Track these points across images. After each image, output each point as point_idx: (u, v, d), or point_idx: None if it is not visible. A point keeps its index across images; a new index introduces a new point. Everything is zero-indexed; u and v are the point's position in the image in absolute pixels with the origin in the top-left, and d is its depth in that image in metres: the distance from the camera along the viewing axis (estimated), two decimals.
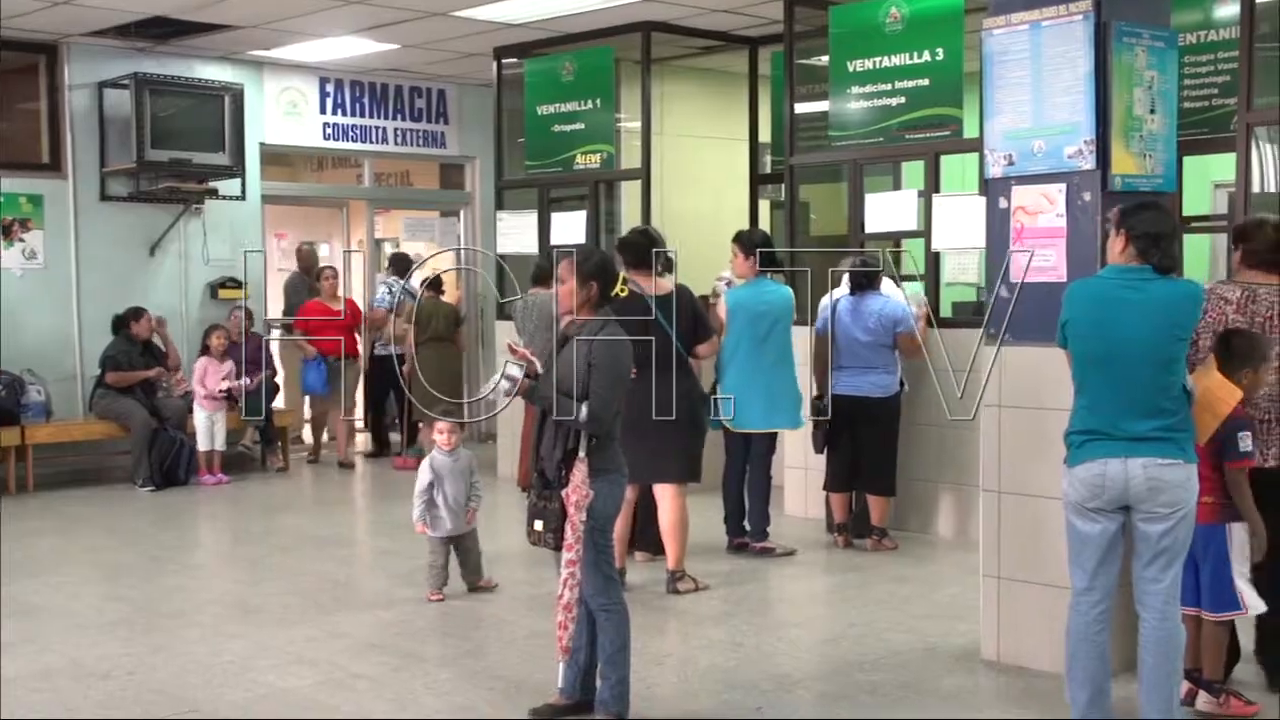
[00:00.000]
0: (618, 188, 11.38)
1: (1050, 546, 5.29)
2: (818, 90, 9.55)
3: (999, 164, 5.61)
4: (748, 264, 7.85)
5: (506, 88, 11.82)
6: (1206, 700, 5.08)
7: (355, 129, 13.14)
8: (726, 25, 10.61)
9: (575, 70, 10.96)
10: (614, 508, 4.98)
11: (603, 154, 10.84)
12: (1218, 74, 8.04)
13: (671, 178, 11.17)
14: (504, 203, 11.86)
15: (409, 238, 14.54)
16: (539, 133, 11.30)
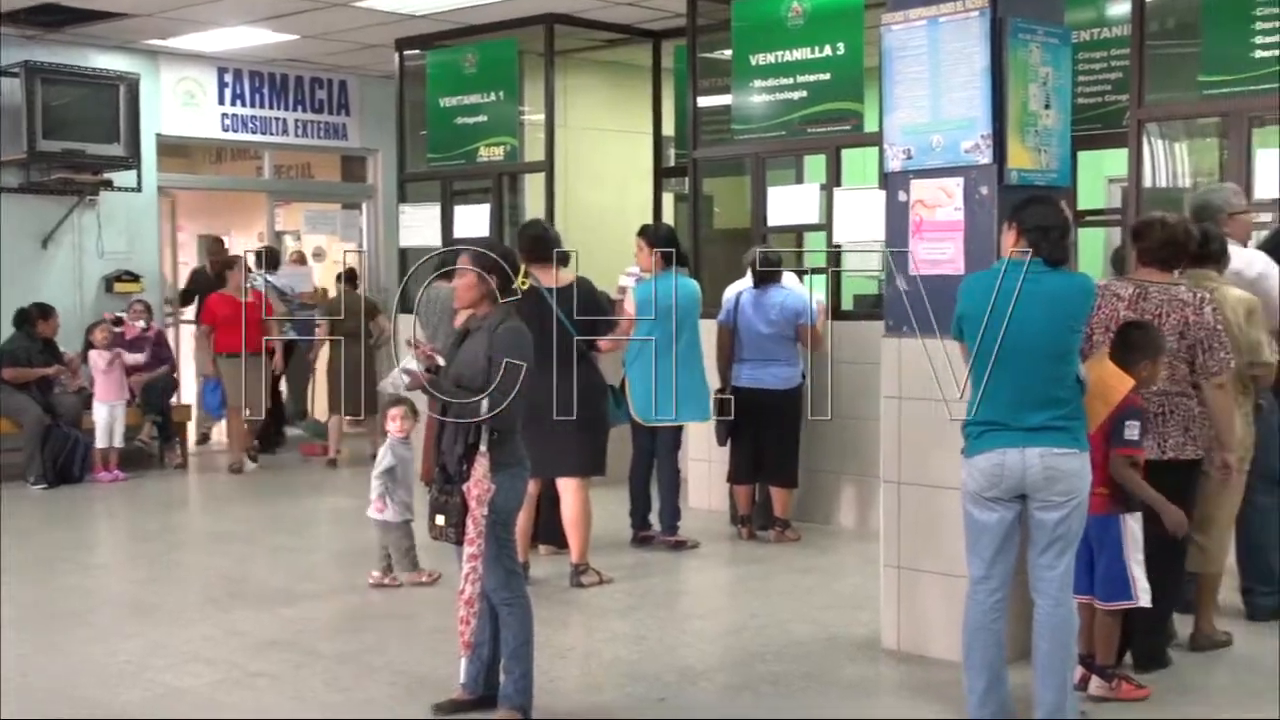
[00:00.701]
0: (521, 180, 11.33)
1: (949, 536, 5.36)
2: (721, 84, 9.59)
3: (898, 158, 5.67)
4: (653, 258, 7.87)
5: (408, 80, 11.72)
6: (1099, 685, 5.18)
7: (255, 120, 12.96)
8: (630, 18, 10.61)
9: (478, 62, 10.90)
10: (516, 502, 4.96)
11: (506, 147, 10.80)
12: (1111, 71, 8.21)
13: (575, 171, 11.15)
14: (406, 196, 11.77)
15: (310, 230, 14.37)
16: (441, 125, 11.23)
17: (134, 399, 10.97)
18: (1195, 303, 5.29)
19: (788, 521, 8.29)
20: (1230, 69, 7.21)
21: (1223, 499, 5.74)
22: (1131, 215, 7.24)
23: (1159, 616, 5.46)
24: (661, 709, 5.24)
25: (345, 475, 11.11)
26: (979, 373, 4.81)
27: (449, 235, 11.03)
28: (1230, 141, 7.32)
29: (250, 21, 10.84)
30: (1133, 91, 7.64)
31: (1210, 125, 7.87)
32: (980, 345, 4.78)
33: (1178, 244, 5.39)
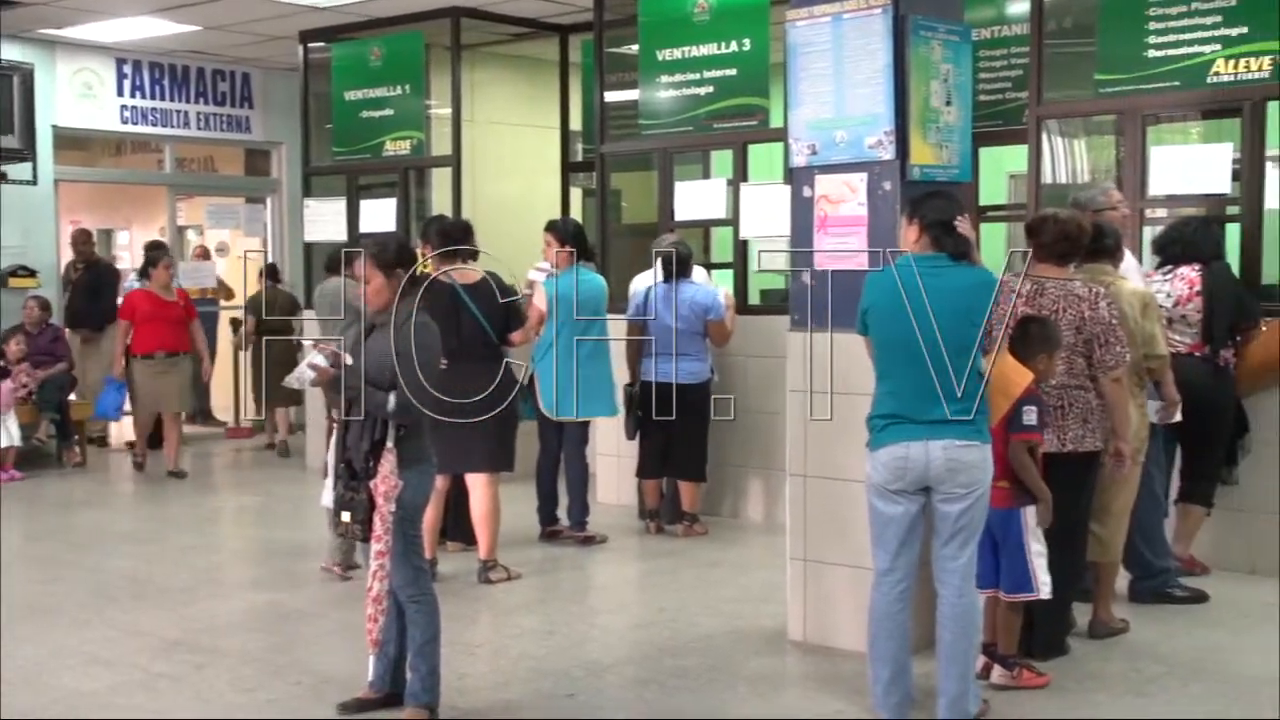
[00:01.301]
0: (428, 175, 11.26)
1: (854, 529, 5.41)
2: (628, 79, 9.60)
3: (803, 153, 5.71)
4: (561, 253, 7.86)
5: (313, 72, 11.59)
6: (1001, 673, 5.26)
7: (155, 112, 12.74)
8: (537, 12, 10.57)
9: (384, 55, 10.81)
10: (423, 498, 4.93)
11: (412, 140, 10.72)
12: (1011, 68, 8.35)
13: (483, 165, 11.10)
14: (311, 190, 11.64)
15: (213, 225, 14.15)
16: (347, 119, 11.12)
17: (30, 396, 10.73)
18: (1091, 297, 5.39)
19: (696, 516, 8.33)
20: (1125, 68, 7.34)
21: (1119, 489, 5.85)
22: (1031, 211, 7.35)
23: (1059, 606, 5.56)
24: (570, 704, 5.24)
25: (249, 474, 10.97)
26: (882, 367, 4.87)
27: (355, 230, 10.93)
28: (1125, 139, 7.47)
29: (150, 11, 10.65)
30: (1031, 89, 7.76)
31: (1107, 123, 8.02)
32: (884, 339, 4.84)
33: (1072, 239, 5.48)
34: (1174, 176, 7.24)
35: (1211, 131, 8.07)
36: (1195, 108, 7.61)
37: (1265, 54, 6.90)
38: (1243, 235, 7.10)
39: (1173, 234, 6.80)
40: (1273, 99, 6.98)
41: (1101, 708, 5.06)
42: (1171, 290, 6.62)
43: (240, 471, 11.42)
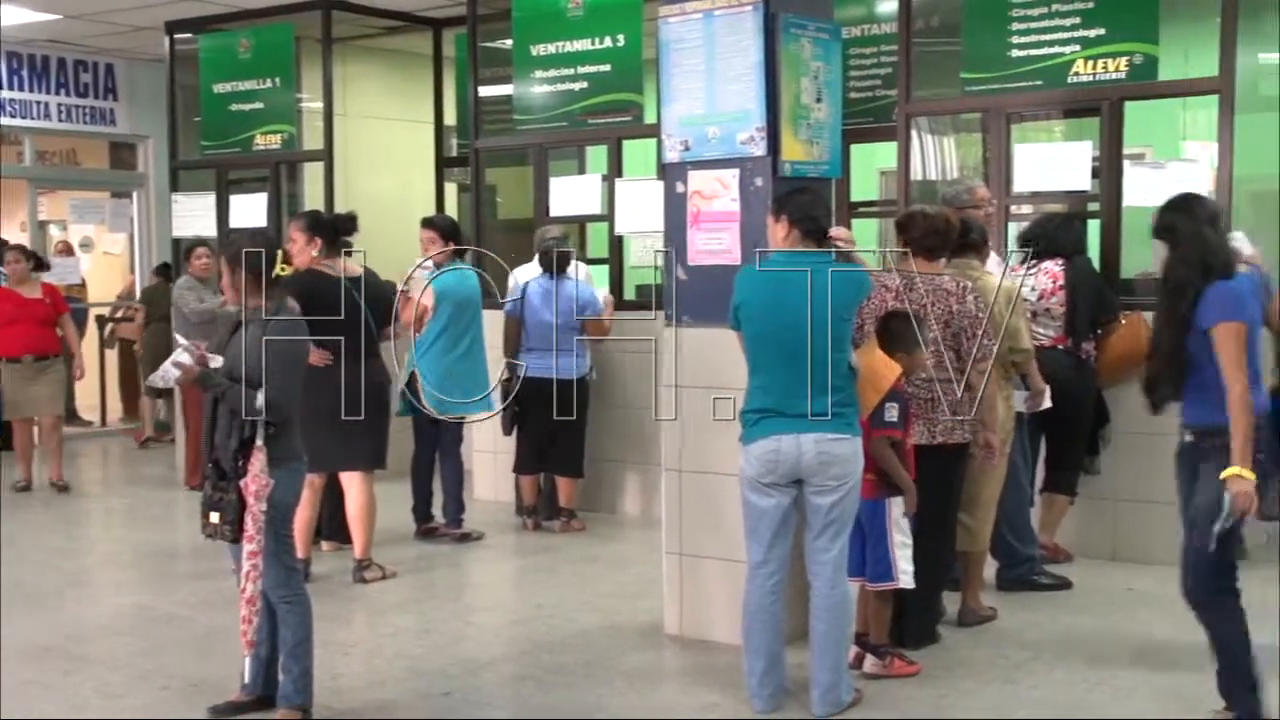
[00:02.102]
0: (300, 169, 11.08)
1: (729, 522, 5.45)
2: (502, 73, 9.56)
3: (676, 149, 5.74)
4: (438, 248, 7.83)
5: (180, 64, 11.33)
6: (873, 663, 5.34)
7: (14, 104, 12.36)
8: (409, 5, 10.47)
9: (253, 47, 10.62)
10: (294, 497, 4.86)
11: (283, 134, 10.55)
12: (881, 66, 8.47)
13: (356, 160, 10.95)
14: (179, 184, 11.39)
15: (76, 220, 13.79)
16: (215, 112, 10.90)
17: None
18: (959, 292, 5.50)
19: (573, 511, 8.33)
20: (990, 67, 7.50)
21: (987, 480, 5.97)
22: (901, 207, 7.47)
23: (929, 595, 5.67)
24: (446, 703, 5.21)
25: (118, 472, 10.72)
26: (754, 361, 4.91)
27: (225, 225, 10.72)
28: (991, 137, 7.62)
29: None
30: (900, 87, 7.89)
31: (974, 120, 8.17)
32: (755, 334, 4.88)
33: (940, 235, 5.59)
34: (1037, 173, 7.42)
35: (1073, 130, 8.27)
36: (1056, 107, 7.80)
37: (1122, 55, 7.10)
38: (1102, 231, 7.29)
39: (1036, 229, 6.97)
40: (1129, 99, 7.17)
41: (970, 694, 5.16)
42: (1035, 284, 6.78)
43: (110, 470, 11.15)
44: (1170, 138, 8.97)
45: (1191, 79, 7.41)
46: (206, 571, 7.05)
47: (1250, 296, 4.48)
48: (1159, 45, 7.06)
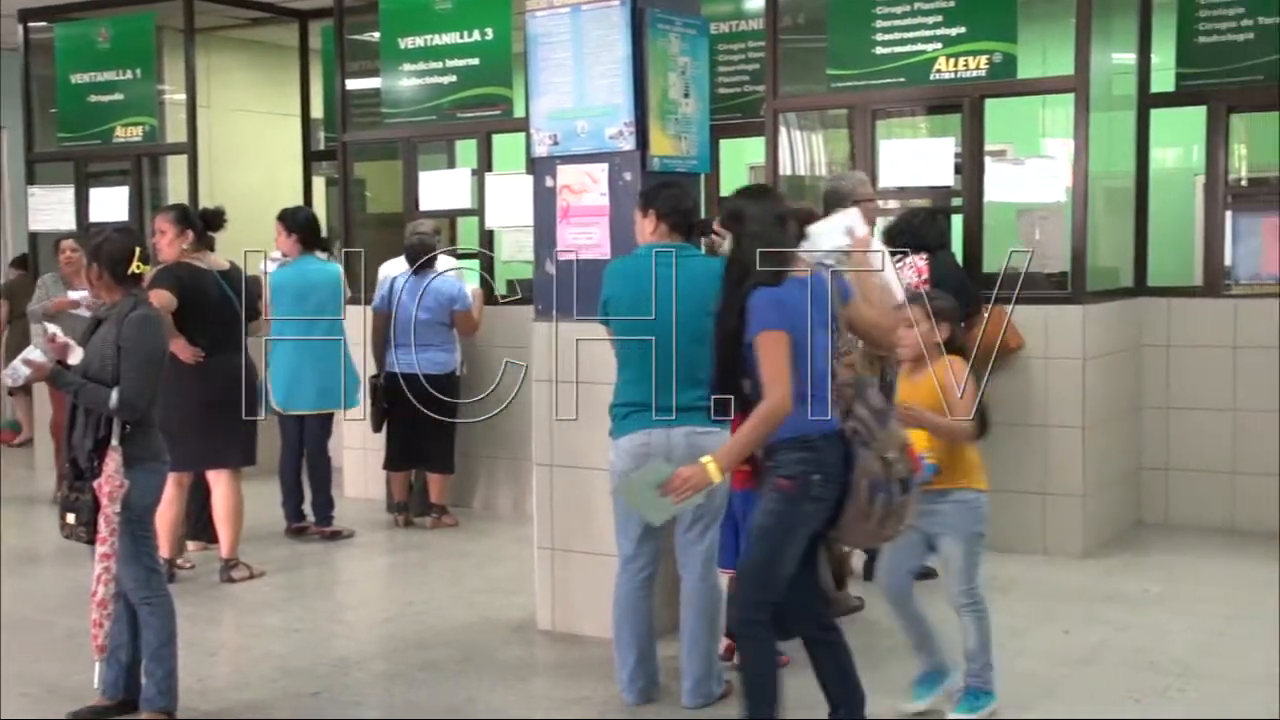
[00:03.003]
0: (163, 162, 10.84)
1: (600, 517, 5.46)
2: (370, 66, 9.45)
3: (544, 144, 5.72)
4: (290, 242, 7.73)
5: (35, 53, 11.01)
6: None
7: None
8: None
9: (112, 37, 10.36)
10: (152, 498, 4.75)
11: (145, 127, 10.32)
12: (749, 62, 8.54)
13: (221, 153, 10.75)
14: (35, 177, 11.07)
15: None
16: (73, 103, 10.61)
17: None
18: None
19: (444, 507, 8.28)
20: (855, 64, 7.61)
21: None
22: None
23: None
24: (315, 702, 5.15)
25: None
26: (624, 355, 4.92)
27: (84, 219, 10.45)
28: (857, 132, 7.73)
29: None
30: (768, 83, 7.97)
31: (842, 116, 8.28)
32: (625, 328, 4.89)
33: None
34: (902, 169, 7.54)
35: (936, 126, 8.43)
36: (920, 103, 7.94)
37: (982, 53, 7.25)
38: (965, 226, 7.44)
39: (901, 224, 7.07)
40: (989, 96, 7.33)
41: None
42: (901, 279, 6.88)
43: None
44: (1030, 135, 9.19)
45: (1049, 78, 7.61)
46: (68, 574, 6.86)
47: (796, 302, 4.14)
48: (1018, 44, 7.22)
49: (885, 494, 4.15)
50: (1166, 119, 8.00)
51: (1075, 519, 7.10)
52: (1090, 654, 5.52)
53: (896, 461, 4.16)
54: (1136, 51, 7.85)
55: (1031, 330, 7.10)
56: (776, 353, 4.06)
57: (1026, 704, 4.97)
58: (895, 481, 4.16)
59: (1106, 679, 5.22)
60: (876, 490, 4.14)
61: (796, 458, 4.15)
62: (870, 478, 4.13)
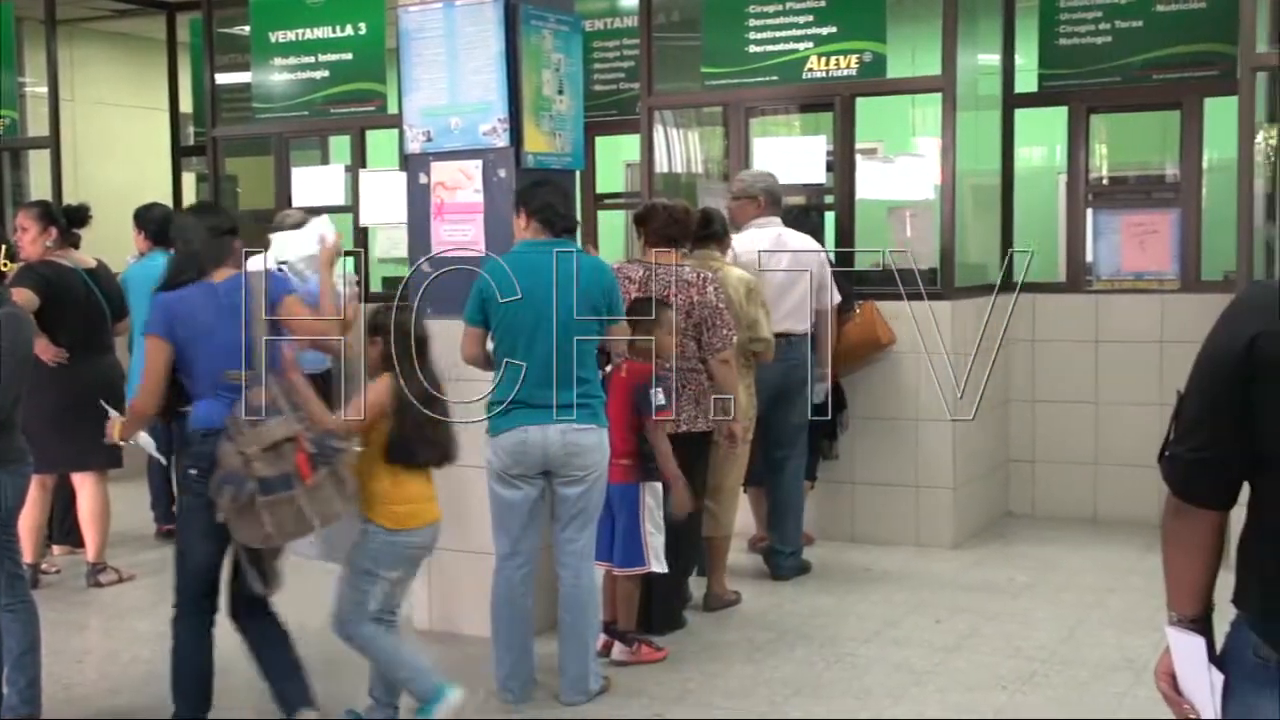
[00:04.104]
0: (24, 157, 10.56)
1: (476, 515, 5.43)
2: (240, 60, 9.30)
3: (418, 140, 5.69)
4: (142, 240, 7.60)
5: None
6: (621, 649, 5.41)
7: None
8: None
9: None
10: (15, 500, 4.62)
11: (4, 120, 10.02)
12: (624, 60, 8.57)
13: (86, 148, 10.50)
14: None
15: None
16: None
17: None
18: (699, 282, 5.60)
19: None
20: (729, 62, 7.68)
21: (730, 467, 6.11)
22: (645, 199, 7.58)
23: (675, 581, 5.77)
24: None
25: None
26: (501, 352, 4.91)
27: None
28: (731, 130, 7.80)
29: None
30: (642, 81, 8.01)
31: (717, 114, 8.34)
32: (502, 325, 4.88)
33: (680, 225, 5.68)
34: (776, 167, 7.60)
35: (810, 124, 8.54)
36: (792, 102, 8.04)
37: (853, 53, 7.36)
38: (837, 223, 7.54)
39: None
40: (860, 95, 7.44)
41: (715, 677, 5.27)
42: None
43: None
44: (900, 133, 9.35)
45: (917, 77, 7.76)
46: None
47: (190, 307, 4.37)
48: (887, 45, 7.35)
49: (234, 488, 4.20)
50: (1030, 119, 8.20)
51: (946, 511, 7.25)
52: (960, 642, 5.64)
53: (256, 459, 4.18)
54: (1001, 53, 8.03)
55: (902, 325, 7.23)
56: (153, 356, 4.37)
57: (899, 692, 5.06)
58: (253, 479, 4.18)
59: (975, 666, 5.33)
60: (225, 483, 4.22)
61: (188, 452, 4.43)
62: (225, 471, 4.23)
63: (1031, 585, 6.53)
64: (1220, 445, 2.10)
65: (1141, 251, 7.59)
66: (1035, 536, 7.52)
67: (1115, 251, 7.74)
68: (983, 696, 5.00)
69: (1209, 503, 2.16)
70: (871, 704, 4.94)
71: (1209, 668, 2.17)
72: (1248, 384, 2.03)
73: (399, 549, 4.53)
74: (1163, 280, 7.59)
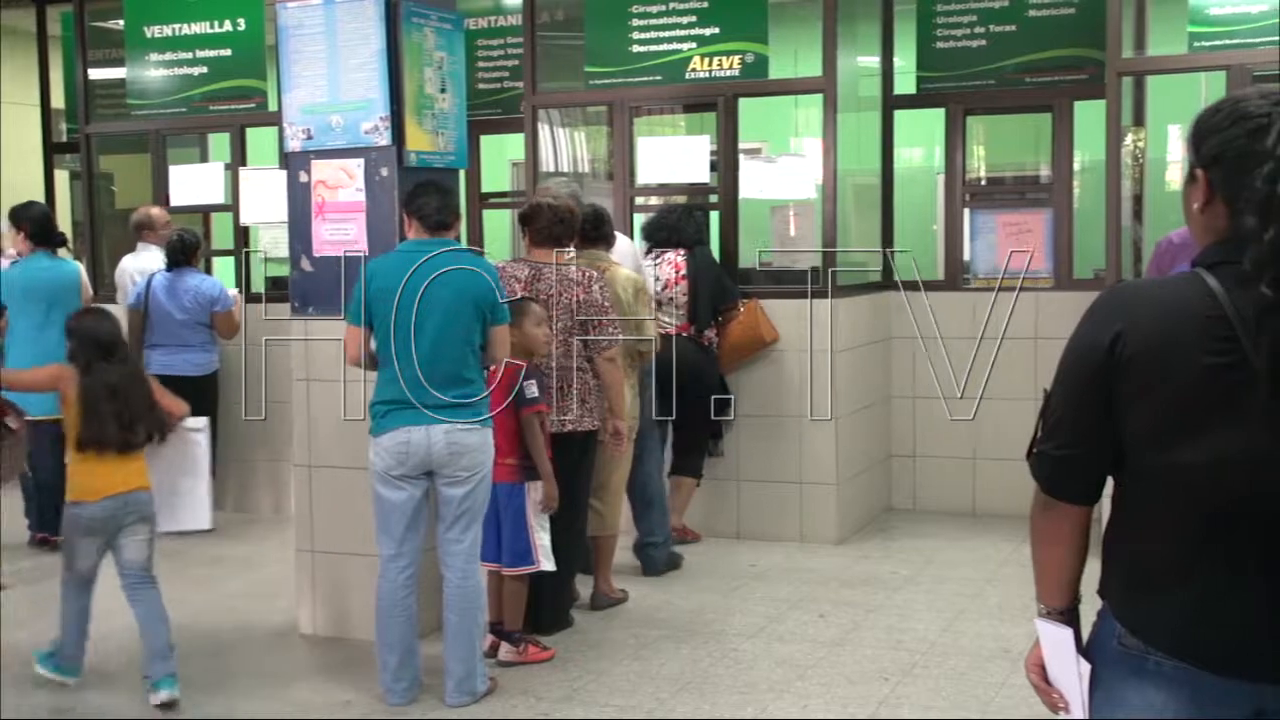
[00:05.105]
0: None
1: (361, 517, 5.39)
2: (115, 55, 9.10)
3: (298, 138, 5.62)
4: (19, 239, 7.42)
5: None
6: (508, 649, 5.40)
7: None
8: None
9: None
10: None
11: None
12: (508, 58, 8.54)
13: None
14: None
15: None
16: None
17: None
18: (584, 282, 5.61)
19: None
20: (612, 61, 7.69)
21: (616, 465, 6.12)
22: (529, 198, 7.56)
23: (562, 580, 5.77)
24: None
25: None
26: (385, 353, 4.88)
27: None
28: (615, 129, 7.81)
29: None
30: (526, 79, 7.99)
31: (600, 113, 8.36)
32: (386, 326, 4.85)
33: (565, 224, 5.69)
34: (660, 166, 7.66)
35: (694, 124, 8.59)
36: (676, 101, 8.08)
37: (735, 53, 7.43)
38: (721, 222, 7.61)
39: (659, 221, 7.20)
40: (743, 95, 7.51)
41: (603, 675, 5.29)
42: (659, 274, 7.00)
43: None
44: (783, 134, 9.45)
45: (799, 78, 7.86)
46: None
47: None
48: (769, 46, 7.42)
49: None
50: (909, 120, 8.34)
51: (830, 506, 7.34)
52: (843, 636, 5.72)
53: None
54: (881, 55, 8.15)
55: (785, 323, 7.30)
56: None
57: (783, 686, 5.11)
58: None
59: (858, 659, 5.41)
60: None
61: None
62: None
63: (913, 578, 6.65)
64: (1085, 442, 2.16)
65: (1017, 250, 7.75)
66: (916, 530, 7.66)
67: (991, 250, 7.89)
68: (865, 689, 5.08)
69: (1075, 498, 2.21)
70: (756, 699, 4.99)
71: (1077, 658, 2.23)
72: (1110, 381, 2.09)
73: (73, 519, 5.02)
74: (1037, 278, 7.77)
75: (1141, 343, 2.05)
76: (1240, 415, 2.00)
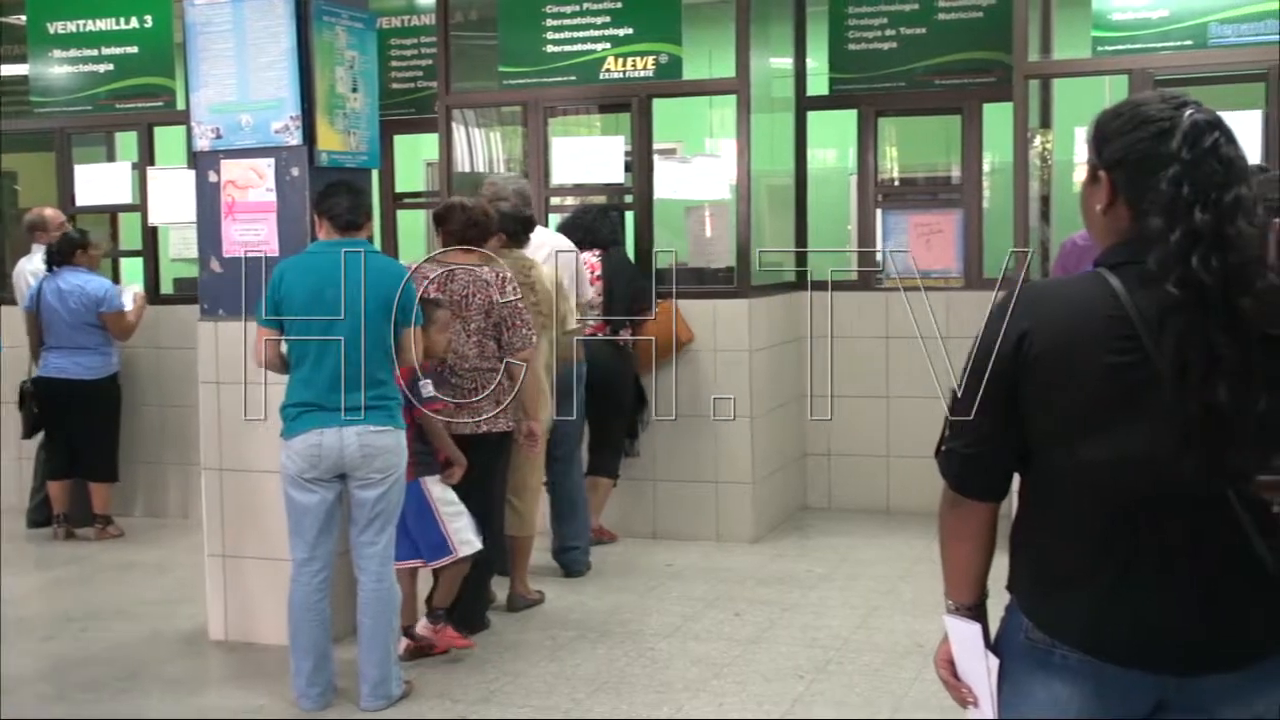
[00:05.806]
0: None
1: (272, 521, 5.33)
2: (18, 51, 8.91)
3: (206, 137, 5.55)
4: None
5: None
6: (424, 625, 5.36)
7: None
8: None
9: None
10: None
11: None
12: (421, 58, 8.49)
13: None
14: None
15: None
16: None
17: None
18: (498, 282, 5.58)
19: (109, 517, 7.90)
20: (526, 62, 7.67)
21: (533, 466, 6.11)
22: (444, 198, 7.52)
23: (479, 581, 5.74)
24: None
25: None
26: (297, 354, 4.83)
27: None
28: (530, 130, 7.79)
29: None
30: (440, 79, 7.95)
31: (515, 113, 8.33)
32: (300, 328, 4.80)
33: (479, 226, 5.66)
34: (574, 166, 7.66)
35: (610, 125, 8.59)
36: (590, 102, 8.08)
37: (649, 54, 7.44)
38: (636, 222, 7.61)
39: (574, 221, 7.18)
40: (656, 96, 7.52)
41: (519, 676, 5.27)
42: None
43: None
44: (698, 134, 9.48)
45: (713, 79, 7.88)
46: None
47: None
48: (683, 47, 7.44)
49: None
50: (822, 121, 8.40)
51: (745, 505, 7.38)
52: (759, 634, 5.75)
53: None
54: (794, 56, 8.20)
55: (700, 323, 7.33)
56: None
57: (699, 685, 5.13)
58: None
59: (773, 657, 5.44)
60: None
61: None
62: None
63: (827, 576, 6.70)
64: (992, 440, 2.19)
65: (928, 250, 7.84)
66: (831, 528, 7.72)
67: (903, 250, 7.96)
68: (781, 686, 5.11)
69: (983, 495, 2.24)
70: (672, 698, 5.00)
71: (985, 653, 2.26)
72: (1018, 380, 2.12)
73: None
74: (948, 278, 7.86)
75: (1048, 341, 2.08)
76: (1142, 414, 2.04)
